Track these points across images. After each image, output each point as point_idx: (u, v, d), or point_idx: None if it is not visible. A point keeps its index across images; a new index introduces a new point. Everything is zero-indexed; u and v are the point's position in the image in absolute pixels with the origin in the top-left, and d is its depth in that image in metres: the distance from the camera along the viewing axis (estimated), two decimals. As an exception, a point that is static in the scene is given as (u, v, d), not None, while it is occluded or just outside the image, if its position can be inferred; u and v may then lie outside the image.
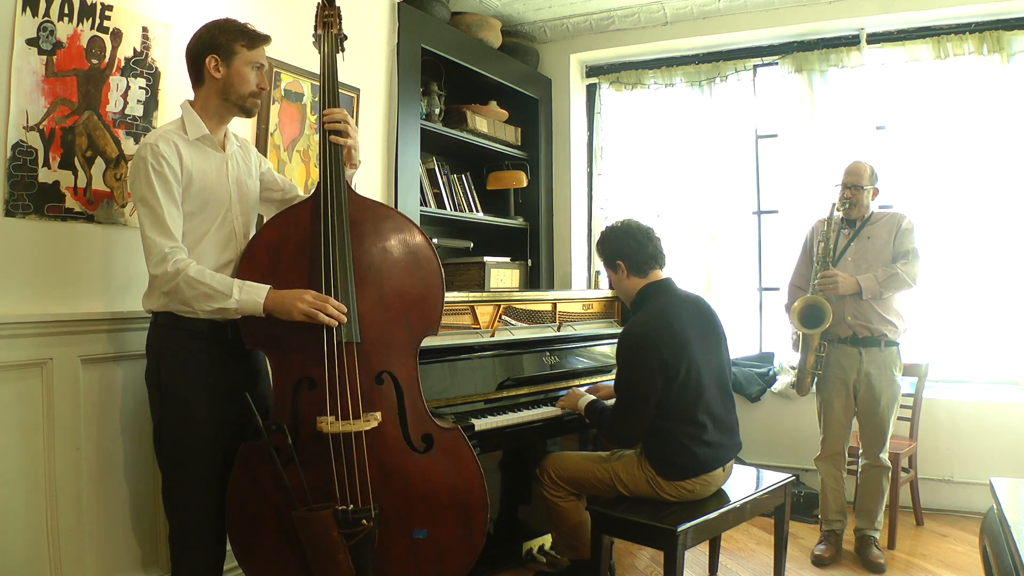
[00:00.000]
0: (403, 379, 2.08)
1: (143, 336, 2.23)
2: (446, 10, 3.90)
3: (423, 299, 2.11)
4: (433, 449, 2.07)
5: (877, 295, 3.02)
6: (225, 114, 2.11)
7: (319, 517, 1.90)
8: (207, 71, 2.03)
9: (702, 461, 2.39)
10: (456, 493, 2.06)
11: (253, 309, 1.93)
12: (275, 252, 2.05)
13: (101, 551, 2.23)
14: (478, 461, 2.10)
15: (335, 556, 1.90)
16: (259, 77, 2.09)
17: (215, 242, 2.06)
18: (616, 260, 2.55)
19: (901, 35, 3.91)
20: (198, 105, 2.08)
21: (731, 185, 4.33)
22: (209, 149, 2.08)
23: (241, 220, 2.13)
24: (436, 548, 2.04)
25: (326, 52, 2.19)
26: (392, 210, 2.24)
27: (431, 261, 2.13)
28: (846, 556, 3.15)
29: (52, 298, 2.13)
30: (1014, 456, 3.58)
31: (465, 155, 4.26)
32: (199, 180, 2.02)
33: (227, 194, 2.10)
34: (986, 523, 1.59)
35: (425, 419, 2.09)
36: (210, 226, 2.05)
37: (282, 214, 2.13)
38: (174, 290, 1.92)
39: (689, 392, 2.37)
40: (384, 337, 2.07)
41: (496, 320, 2.95)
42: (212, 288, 1.90)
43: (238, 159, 2.18)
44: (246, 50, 2.05)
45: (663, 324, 2.38)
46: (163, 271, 1.91)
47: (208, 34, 2.05)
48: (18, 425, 2.04)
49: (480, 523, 2.07)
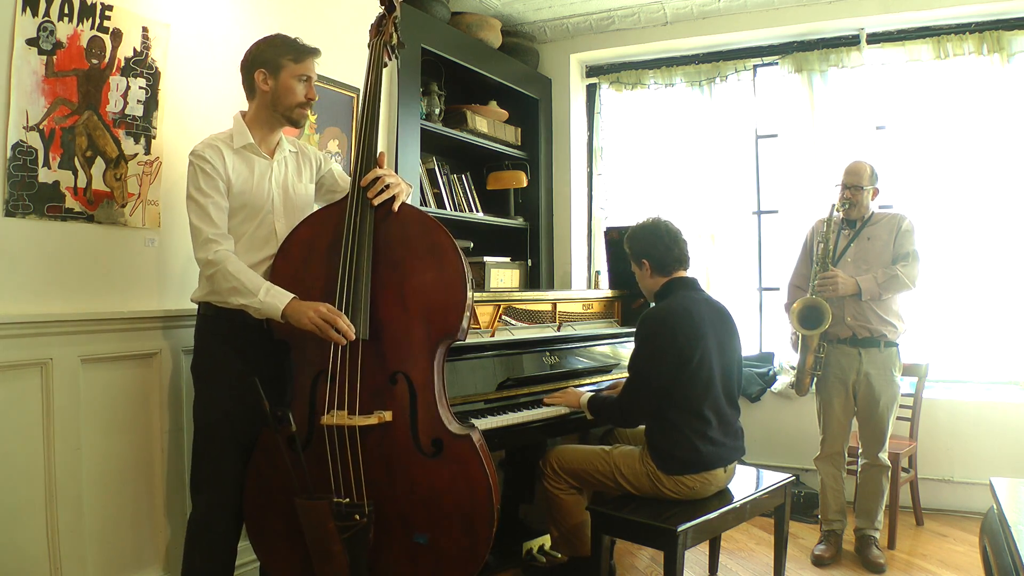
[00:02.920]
0: (418, 381, 2.06)
1: (143, 336, 2.25)
2: (446, 10, 3.90)
3: (445, 302, 2.08)
4: (442, 455, 2.03)
5: (876, 296, 3.02)
6: (274, 124, 2.23)
7: (315, 506, 1.95)
8: (257, 84, 2.18)
9: (704, 457, 2.39)
10: (461, 502, 2.01)
11: (272, 313, 2.02)
12: (308, 248, 2.15)
13: (101, 551, 2.24)
14: (489, 472, 2.03)
15: (330, 546, 1.94)
16: (307, 88, 2.21)
17: (253, 241, 2.18)
18: (642, 259, 2.59)
19: (901, 35, 3.91)
20: (249, 115, 2.22)
21: (731, 185, 4.33)
22: (253, 156, 2.20)
23: (284, 222, 2.23)
24: (436, 555, 2.02)
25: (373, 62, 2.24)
26: (420, 212, 2.22)
27: (455, 265, 2.09)
28: (846, 556, 3.15)
29: (52, 298, 2.13)
30: (1014, 456, 3.58)
31: (465, 155, 4.26)
32: (239, 184, 2.15)
33: (268, 198, 2.21)
34: (986, 523, 1.59)
35: (438, 424, 2.04)
36: (249, 226, 2.18)
37: (316, 213, 2.22)
38: (212, 277, 2.06)
39: (698, 385, 2.39)
40: (401, 338, 2.07)
41: (496, 320, 2.95)
42: (243, 284, 2.02)
43: (288, 165, 2.29)
44: (293, 63, 2.17)
45: (683, 312, 2.43)
46: (205, 257, 2.05)
47: (257, 49, 2.19)
48: (18, 425, 2.04)
49: (484, 536, 2.00)
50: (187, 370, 2.39)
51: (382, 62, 2.25)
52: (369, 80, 2.21)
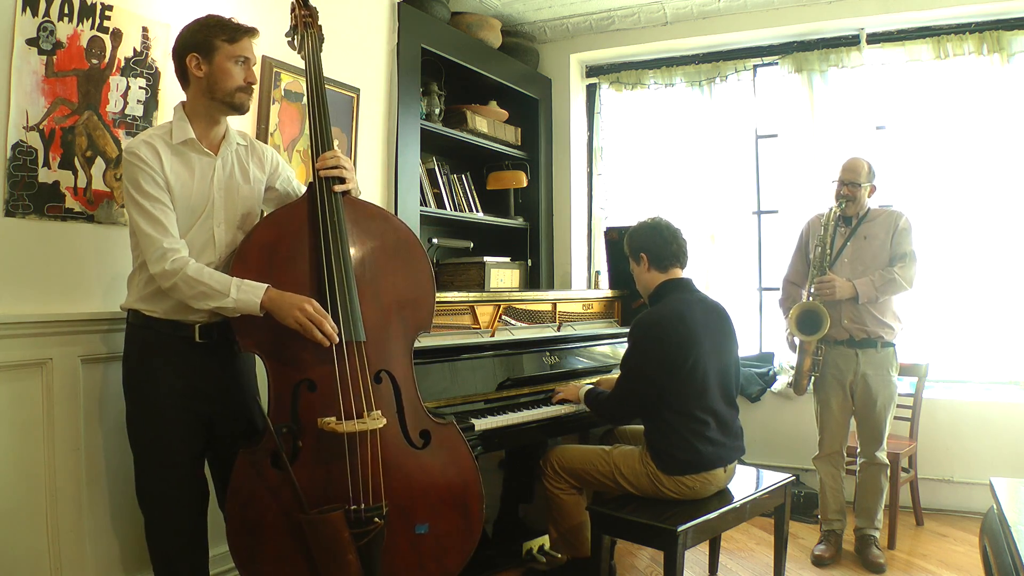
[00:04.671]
0: (400, 377, 2.10)
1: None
2: (446, 10, 3.90)
3: (416, 297, 2.15)
4: (431, 444, 2.10)
5: (874, 299, 3.02)
6: (215, 113, 2.04)
7: (330, 519, 1.87)
8: (190, 71, 1.99)
9: (704, 457, 2.40)
10: (454, 485, 2.10)
11: (250, 308, 1.90)
12: (269, 253, 2.01)
13: (101, 551, 2.23)
14: (472, 452, 2.16)
15: (344, 557, 1.88)
16: (246, 71, 2.01)
17: (191, 247, 1.98)
18: (640, 252, 2.62)
19: (901, 35, 3.91)
20: (188, 107, 2.04)
21: (731, 185, 4.33)
22: (192, 154, 2.01)
23: (224, 227, 2.06)
24: (437, 541, 2.07)
25: (310, 51, 2.17)
26: (380, 209, 2.26)
27: (422, 258, 2.17)
28: (846, 556, 3.15)
29: (52, 298, 2.13)
30: (1014, 456, 3.58)
31: (465, 155, 4.26)
32: (177, 187, 1.97)
33: (207, 200, 2.03)
34: (986, 523, 1.59)
35: (422, 416, 2.12)
36: (185, 232, 1.99)
37: (274, 214, 2.08)
38: (173, 288, 1.90)
39: (693, 387, 2.40)
40: (381, 336, 2.08)
41: (496, 320, 2.95)
42: (210, 287, 1.88)
43: (234, 162, 2.11)
44: (227, 44, 1.98)
45: (676, 316, 2.45)
46: (161, 269, 1.89)
47: (188, 32, 2.00)
48: (18, 425, 2.04)
49: (477, 513, 2.12)
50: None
51: (319, 53, 2.18)
52: (313, 73, 2.15)
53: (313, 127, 2.12)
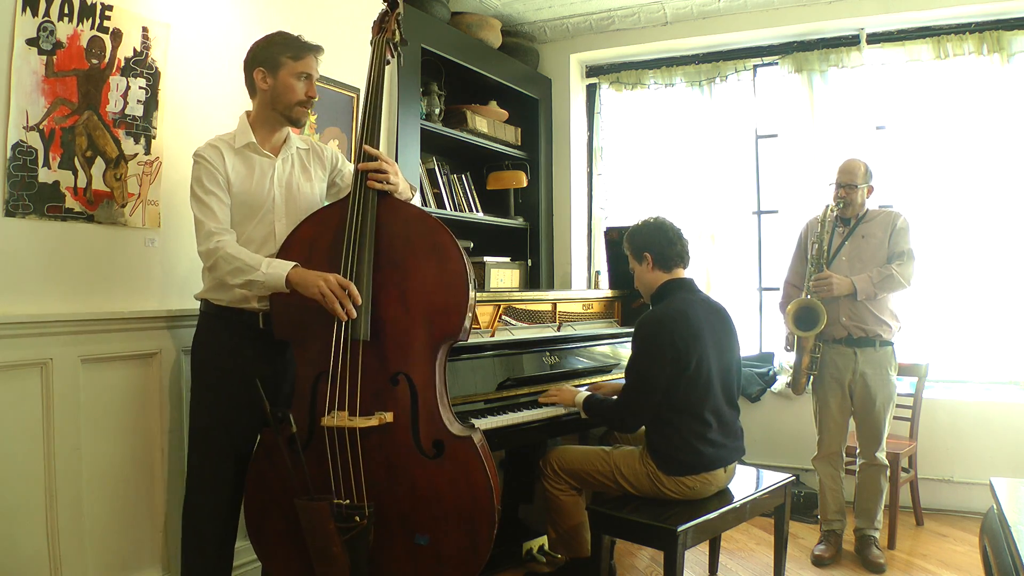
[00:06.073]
0: (419, 382, 2.05)
1: (143, 336, 2.24)
2: (446, 10, 3.90)
3: (446, 302, 2.07)
4: (443, 456, 2.02)
5: (872, 296, 3.02)
6: (275, 123, 2.22)
7: (315, 507, 1.95)
8: (257, 83, 2.17)
9: (705, 458, 2.40)
10: (462, 503, 2.00)
11: (277, 282, 2.01)
12: (309, 248, 2.13)
13: (101, 551, 2.23)
14: (490, 473, 2.02)
15: (331, 547, 1.94)
16: (307, 86, 2.19)
17: (251, 240, 2.17)
18: (644, 252, 2.60)
19: (901, 35, 3.91)
20: (253, 115, 2.22)
21: (731, 185, 4.33)
22: (253, 155, 2.19)
23: (285, 221, 2.22)
24: (436, 556, 2.02)
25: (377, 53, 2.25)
26: (421, 211, 2.23)
27: (458, 264, 2.09)
28: (846, 556, 3.15)
29: (52, 298, 2.13)
30: (1014, 456, 3.58)
31: (465, 155, 4.26)
32: (237, 183, 2.15)
33: (268, 197, 2.20)
34: (986, 523, 1.59)
35: (439, 425, 2.04)
36: (247, 226, 2.17)
37: (319, 211, 2.20)
38: (214, 266, 2.05)
39: (697, 388, 2.40)
40: (403, 339, 2.06)
41: (496, 320, 2.95)
42: (244, 263, 2.02)
43: (294, 163, 2.28)
44: (292, 61, 2.15)
45: (680, 315, 2.43)
46: (206, 248, 2.05)
47: (257, 47, 2.18)
48: (18, 425, 2.03)
49: (485, 537, 2.00)
50: (187, 370, 2.39)
51: (384, 59, 2.24)
52: (372, 77, 2.21)
53: (363, 128, 2.19)
